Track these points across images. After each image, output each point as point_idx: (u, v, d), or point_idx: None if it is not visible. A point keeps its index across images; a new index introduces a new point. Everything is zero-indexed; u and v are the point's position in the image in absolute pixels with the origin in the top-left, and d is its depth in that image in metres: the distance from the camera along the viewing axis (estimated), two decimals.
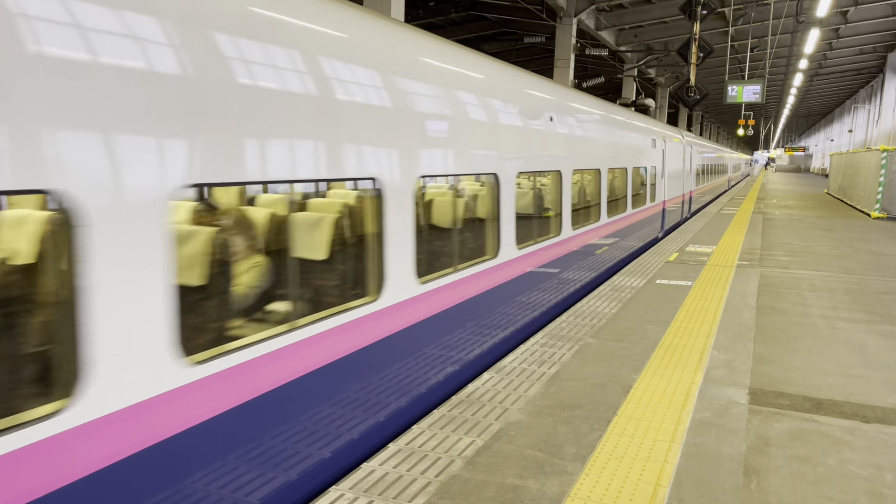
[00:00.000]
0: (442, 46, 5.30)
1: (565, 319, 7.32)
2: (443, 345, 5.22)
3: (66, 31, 2.36)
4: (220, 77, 3.01)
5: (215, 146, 3.01)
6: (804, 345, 6.68)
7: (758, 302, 8.54)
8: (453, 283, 5.30)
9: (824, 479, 3.90)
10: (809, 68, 43.61)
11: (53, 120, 2.31)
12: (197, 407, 2.98)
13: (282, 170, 3.42)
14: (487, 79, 5.96)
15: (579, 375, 5.54)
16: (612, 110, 10.97)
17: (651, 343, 6.53)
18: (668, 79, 38.03)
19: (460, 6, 23.46)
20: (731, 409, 4.93)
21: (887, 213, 21.47)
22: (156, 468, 2.78)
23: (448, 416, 4.62)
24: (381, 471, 3.82)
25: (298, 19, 3.61)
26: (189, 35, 2.87)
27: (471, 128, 5.46)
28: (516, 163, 6.43)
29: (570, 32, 21.21)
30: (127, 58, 2.58)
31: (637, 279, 9.83)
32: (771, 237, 15.60)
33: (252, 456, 3.32)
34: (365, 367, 4.26)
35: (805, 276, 10.57)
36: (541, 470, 3.89)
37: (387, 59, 4.39)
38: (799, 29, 27.09)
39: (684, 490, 3.72)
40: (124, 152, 2.57)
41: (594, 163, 9.39)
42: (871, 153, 23.29)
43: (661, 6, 24.37)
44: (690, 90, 17.67)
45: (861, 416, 4.89)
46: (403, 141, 4.51)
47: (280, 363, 3.49)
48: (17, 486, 2.26)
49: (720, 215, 21.00)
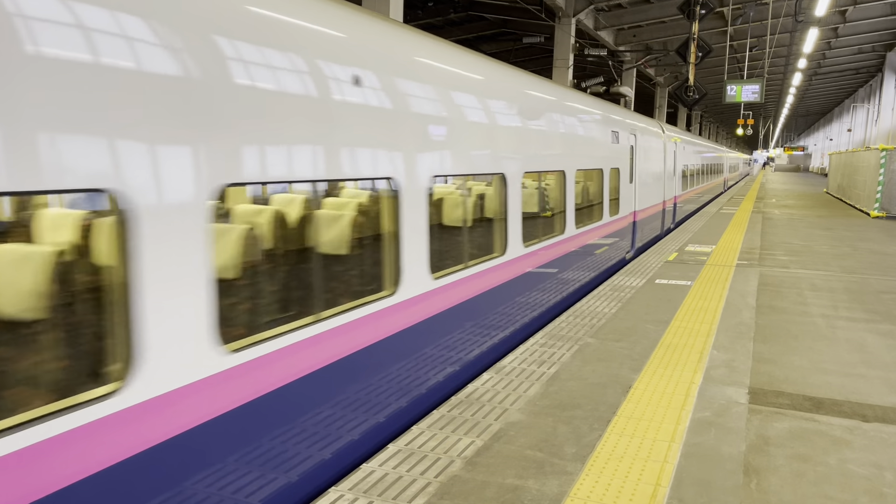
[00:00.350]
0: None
1: (564, 320, 7.32)
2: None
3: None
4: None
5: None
6: (804, 344, 6.68)
7: (757, 301, 8.54)
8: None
9: (824, 478, 3.90)
10: (808, 68, 43.64)
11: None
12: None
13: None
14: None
15: (579, 375, 5.54)
16: (544, 90, 7.62)
17: (651, 343, 6.53)
18: (667, 79, 38.05)
19: (459, 6, 23.46)
20: (730, 408, 4.93)
21: (886, 212, 21.46)
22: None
23: (448, 417, 4.62)
24: (381, 471, 3.82)
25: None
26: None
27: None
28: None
29: (568, 32, 21.21)
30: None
31: (636, 279, 9.82)
32: (770, 236, 15.59)
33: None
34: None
35: (805, 275, 10.57)
36: (540, 470, 3.89)
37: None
38: (797, 28, 27.10)
39: (684, 490, 3.71)
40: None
41: (496, 165, 6.12)
42: (870, 152, 23.29)
43: (660, 6, 24.37)
44: (689, 90, 17.67)
45: (861, 415, 4.88)
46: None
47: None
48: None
49: (720, 215, 21.00)
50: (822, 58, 40.87)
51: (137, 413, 2.67)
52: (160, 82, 2.73)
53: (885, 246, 14.35)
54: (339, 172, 3.87)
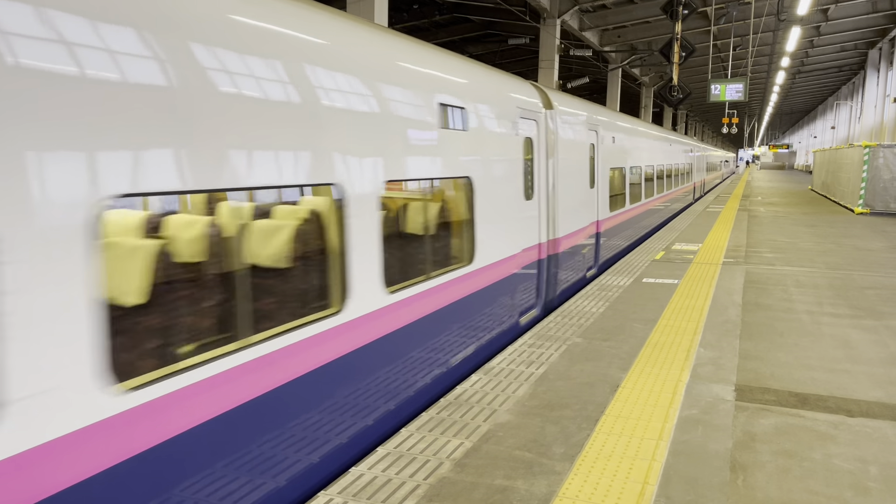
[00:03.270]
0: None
1: (552, 319, 7.34)
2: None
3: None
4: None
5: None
6: (789, 340, 6.74)
7: (743, 299, 8.61)
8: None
9: (810, 473, 3.94)
10: (791, 66, 44.04)
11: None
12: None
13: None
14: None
15: (567, 375, 5.56)
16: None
17: (638, 342, 6.57)
18: (652, 78, 38.26)
19: (444, 8, 23.50)
20: (717, 405, 4.96)
21: (870, 209, 21.70)
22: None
23: (437, 419, 4.62)
24: (370, 475, 3.82)
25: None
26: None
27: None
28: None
29: (553, 33, 21.30)
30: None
31: (624, 278, 9.87)
32: (756, 234, 15.72)
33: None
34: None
35: (790, 272, 10.66)
36: (529, 470, 3.90)
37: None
38: (780, 27, 27.35)
39: (672, 487, 3.74)
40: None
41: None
42: (853, 149, 23.53)
43: (644, 6, 24.53)
44: (673, 89, 17.78)
45: (846, 410, 4.93)
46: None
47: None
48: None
49: (706, 213, 21.13)
50: (805, 56, 41.26)
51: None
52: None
53: (869, 242, 14.50)
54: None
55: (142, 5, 2.76)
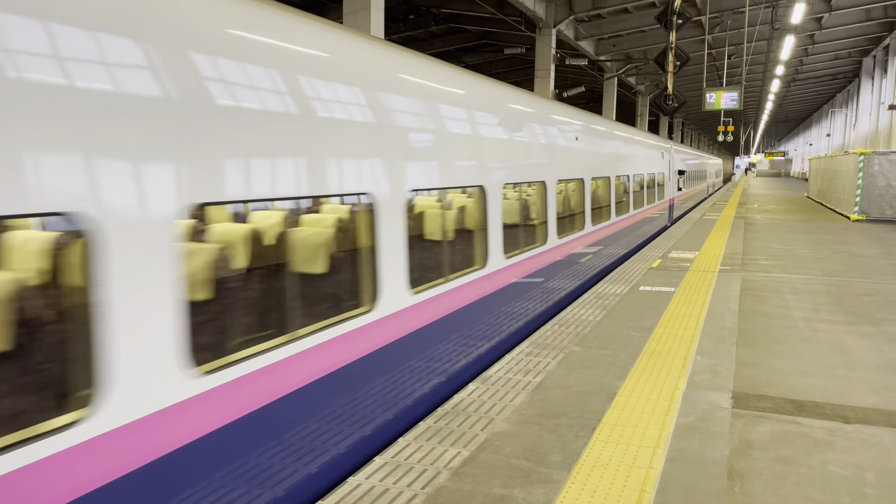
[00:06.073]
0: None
1: (550, 328, 7.35)
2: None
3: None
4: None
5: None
6: (786, 347, 6.75)
7: (740, 306, 8.63)
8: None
9: (807, 480, 3.94)
10: (786, 74, 44.26)
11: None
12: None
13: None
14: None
15: (564, 383, 5.57)
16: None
17: (635, 349, 6.58)
18: (648, 87, 38.41)
19: (440, 19, 23.60)
20: (714, 413, 4.97)
21: (866, 216, 21.77)
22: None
23: (434, 428, 4.63)
24: (368, 484, 3.81)
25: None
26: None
27: None
28: None
29: (549, 43, 21.39)
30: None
31: (620, 286, 9.89)
32: (753, 241, 15.76)
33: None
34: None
35: (786, 279, 10.69)
36: (527, 479, 3.91)
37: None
38: (774, 36, 27.50)
39: (669, 495, 3.74)
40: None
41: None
42: (848, 157, 23.63)
43: (639, 15, 24.68)
44: (668, 98, 17.86)
45: (842, 416, 4.94)
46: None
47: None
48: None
49: (703, 221, 21.19)
50: (800, 64, 41.49)
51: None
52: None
53: (865, 249, 14.55)
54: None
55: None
